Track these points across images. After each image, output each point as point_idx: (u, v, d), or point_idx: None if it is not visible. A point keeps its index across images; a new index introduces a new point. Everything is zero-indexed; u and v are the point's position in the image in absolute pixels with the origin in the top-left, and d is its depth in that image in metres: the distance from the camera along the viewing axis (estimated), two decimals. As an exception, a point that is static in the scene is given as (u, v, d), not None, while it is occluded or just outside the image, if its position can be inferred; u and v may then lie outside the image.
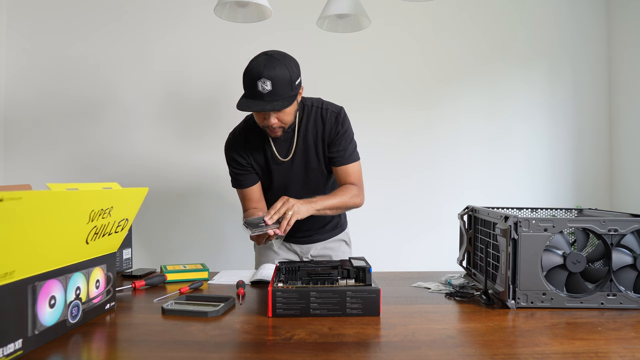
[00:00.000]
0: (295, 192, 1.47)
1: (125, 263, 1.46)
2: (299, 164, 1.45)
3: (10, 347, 0.73)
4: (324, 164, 1.47)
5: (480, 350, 0.79)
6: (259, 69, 1.23)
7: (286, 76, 1.25)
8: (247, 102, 1.26)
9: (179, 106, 2.44)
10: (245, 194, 1.49)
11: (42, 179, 2.36)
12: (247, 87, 1.27)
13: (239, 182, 1.49)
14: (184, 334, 0.87)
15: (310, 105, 1.45)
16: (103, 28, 2.41)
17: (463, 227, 1.39)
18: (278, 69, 1.24)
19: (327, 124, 1.42)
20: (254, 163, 1.46)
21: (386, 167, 2.44)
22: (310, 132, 1.43)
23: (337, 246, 1.65)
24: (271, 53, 1.28)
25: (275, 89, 1.23)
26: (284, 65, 1.25)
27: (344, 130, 1.43)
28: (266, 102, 1.24)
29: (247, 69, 1.26)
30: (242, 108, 1.25)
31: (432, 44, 2.47)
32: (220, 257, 2.42)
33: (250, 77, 1.24)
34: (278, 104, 1.25)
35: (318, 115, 1.43)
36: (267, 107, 1.24)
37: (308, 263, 1.22)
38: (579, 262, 1.04)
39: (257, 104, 1.24)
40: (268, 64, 1.23)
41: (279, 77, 1.23)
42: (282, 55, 1.29)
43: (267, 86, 1.22)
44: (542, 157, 2.50)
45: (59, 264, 0.86)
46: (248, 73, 1.26)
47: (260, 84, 1.22)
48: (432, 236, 2.46)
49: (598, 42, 2.50)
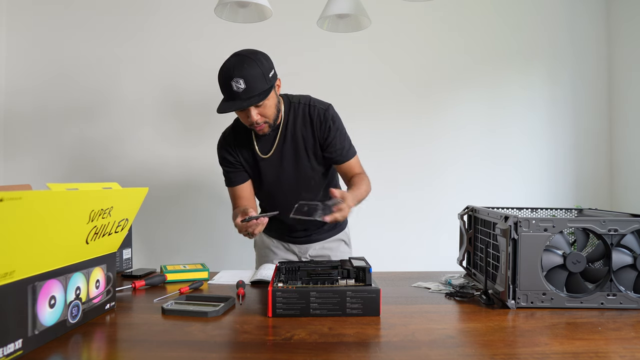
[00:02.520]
0: (288, 189, 1.49)
1: (125, 263, 1.46)
2: (288, 161, 1.46)
3: (10, 347, 0.73)
4: (316, 160, 1.47)
5: (480, 350, 0.79)
6: (230, 71, 1.25)
7: (257, 72, 1.27)
8: (225, 105, 1.29)
9: (179, 106, 2.44)
10: (235, 192, 1.52)
11: (42, 179, 2.36)
12: (223, 90, 1.29)
13: (230, 180, 1.51)
14: (184, 334, 0.88)
15: (297, 102, 1.45)
16: (103, 28, 2.41)
17: (463, 227, 1.39)
18: (248, 67, 1.26)
19: (315, 121, 1.43)
20: (243, 161, 1.49)
21: (386, 167, 2.44)
22: (298, 128, 1.44)
23: (336, 246, 1.65)
24: (240, 52, 1.31)
25: (249, 86, 1.25)
26: (254, 62, 1.27)
27: (336, 128, 1.44)
28: (243, 100, 1.27)
29: (219, 73, 1.29)
30: (221, 110, 1.28)
31: (432, 44, 2.47)
32: (220, 257, 2.42)
33: (224, 79, 1.27)
34: (254, 99, 1.27)
35: (305, 112, 1.44)
36: (244, 104, 1.26)
37: (308, 263, 1.22)
38: (579, 262, 1.04)
39: (235, 103, 1.27)
40: (238, 64, 1.26)
41: (250, 74, 1.25)
42: (251, 52, 1.31)
43: (240, 85, 1.25)
44: (542, 157, 2.50)
45: (59, 264, 0.86)
46: (221, 76, 1.28)
47: (234, 84, 1.25)
48: (432, 236, 2.46)
49: (598, 42, 2.50)
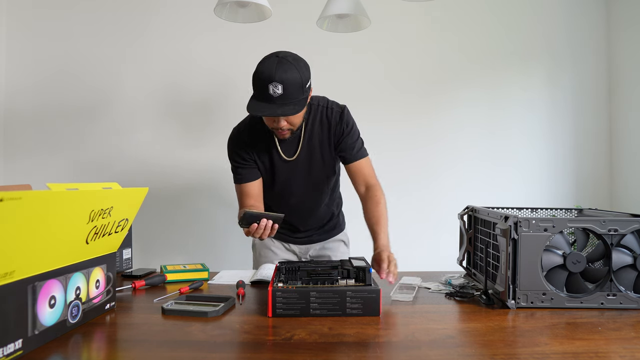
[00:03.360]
0: (297, 191, 1.47)
1: (125, 263, 1.46)
2: (303, 164, 1.44)
3: (10, 347, 0.73)
4: (329, 164, 1.46)
5: (480, 350, 0.79)
6: (270, 72, 1.19)
7: (297, 80, 1.21)
8: (258, 106, 1.22)
9: (180, 106, 2.44)
10: (244, 189, 1.45)
11: (42, 179, 2.36)
12: (257, 89, 1.23)
13: (240, 175, 1.44)
14: (184, 334, 0.87)
15: (316, 104, 1.43)
16: (103, 28, 2.40)
17: (463, 227, 1.39)
18: (290, 72, 1.20)
19: (332, 123, 1.41)
20: (257, 160, 1.44)
21: (386, 167, 2.43)
22: (315, 132, 1.42)
23: (336, 246, 1.65)
24: (283, 55, 1.25)
25: (286, 93, 1.20)
26: (296, 69, 1.22)
27: (349, 129, 1.42)
28: (277, 106, 1.20)
29: (258, 71, 1.22)
30: (252, 111, 1.22)
31: (432, 44, 2.47)
32: (220, 257, 2.42)
33: (262, 79, 1.20)
34: (289, 108, 1.21)
35: (323, 115, 1.42)
36: (278, 111, 1.20)
37: (308, 263, 1.22)
38: (579, 262, 1.04)
39: (269, 107, 1.21)
40: (280, 67, 1.20)
41: (290, 80, 1.20)
42: (294, 58, 1.25)
43: (278, 90, 1.19)
44: (542, 157, 2.50)
45: (59, 264, 0.86)
46: (259, 75, 1.21)
47: (272, 87, 1.19)
48: (432, 236, 2.46)
49: (598, 42, 2.50)
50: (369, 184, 1.45)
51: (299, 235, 1.60)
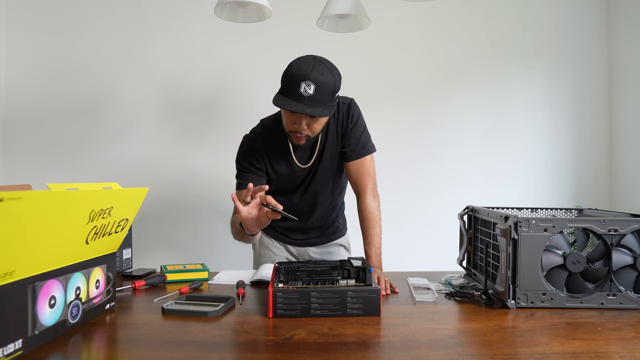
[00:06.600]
0: (304, 196, 1.46)
1: (125, 263, 1.46)
2: (316, 171, 1.43)
3: (10, 347, 0.73)
4: (341, 169, 1.45)
5: (480, 350, 0.79)
6: (306, 71, 1.18)
7: (331, 84, 1.20)
8: (285, 101, 1.19)
9: (180, 106, 2.44)
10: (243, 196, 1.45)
11: (42, 179, 2.36)
12: (287, 85, 1.20)
13: (245, 180, 1.39)
14: (184, 334, 0.87)
15: None
16: (103, 28, 2.40)
17: (463, 227, 1.39)
18: (325, 75, 1.19)
19: (338, 117, 1.38)
20: (268, 166, 1.41)
21: (386, 167, 2.43)
22: (329, 138, 1.39)
23: (336, 250, 1.64)
24: (319, 57, 1.24)
25: (316, 95, 1.18)
26: (331, 73, 1.21)
27: (355, 122, 1.39)
28: (306, 106, 1.18)
29: (292, 68, 1.21)
30: (281, 105, 1.19)
31: (432, 43, 2.47)
32: (220, 257, 2.42)
33: (295, 76, 1.18)
34: (318, 110, 1.19)
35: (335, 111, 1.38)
36: (307, 110, 1.18)
37: (307, 263, 1.21)
38: (579, 262, 1.04)
39: (296, 105, 1.18)
40: (316, 67, 1.19)
41: (324, 83, 1.18)
42: (331, 64, 1.24)
43: (310, 90, 1.17)
44: (542, 157, 2.50)
45: (59, 264, 0.86)
46: (293, 72, 1.20)
47: (304, 86, 1.17)
48: (432, 236, 2.46)
49: (598, 41, 2.50)
50: (367, 193, 1.42)
51: (298, 237, 1.60)
